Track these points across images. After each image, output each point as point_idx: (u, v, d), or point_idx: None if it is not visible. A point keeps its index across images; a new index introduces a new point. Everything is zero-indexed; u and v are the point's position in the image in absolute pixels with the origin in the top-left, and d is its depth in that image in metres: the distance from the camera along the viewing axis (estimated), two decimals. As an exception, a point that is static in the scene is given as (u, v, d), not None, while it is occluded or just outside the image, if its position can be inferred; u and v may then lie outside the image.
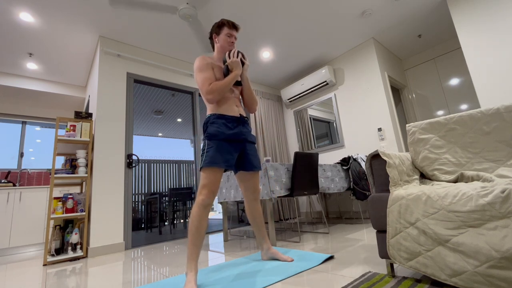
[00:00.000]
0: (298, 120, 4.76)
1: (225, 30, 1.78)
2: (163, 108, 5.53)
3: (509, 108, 1.32)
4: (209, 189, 1.50)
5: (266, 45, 3.68)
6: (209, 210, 1.51)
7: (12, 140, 4.19)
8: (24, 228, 3.40)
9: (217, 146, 1.57)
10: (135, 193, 5.84)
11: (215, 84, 1.60)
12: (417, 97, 4.27)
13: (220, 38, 1.79)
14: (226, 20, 1.82)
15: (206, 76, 1.63)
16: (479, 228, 0.96)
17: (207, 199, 1.49)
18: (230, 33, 1.79)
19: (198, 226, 1.45)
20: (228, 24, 1.79)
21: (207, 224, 1.51)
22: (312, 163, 2.63)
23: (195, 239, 1.44)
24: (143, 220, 5.59)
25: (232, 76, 1.65)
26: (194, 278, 1.35)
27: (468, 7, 2.83)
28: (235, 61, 1.68)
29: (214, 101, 1.61)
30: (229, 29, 1.79)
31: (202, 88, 1.61)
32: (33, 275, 2.03)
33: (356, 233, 2.51)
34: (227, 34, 1.78)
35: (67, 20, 2.85)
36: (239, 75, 1.68)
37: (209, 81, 1.62)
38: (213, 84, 1.60)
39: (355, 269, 1.44)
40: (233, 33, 1.80)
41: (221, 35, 1.79)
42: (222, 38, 1.78)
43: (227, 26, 1.79)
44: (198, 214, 1.47)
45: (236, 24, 1.83)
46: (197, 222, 1.46)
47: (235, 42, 1.83)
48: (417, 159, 1.51)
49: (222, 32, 1.79)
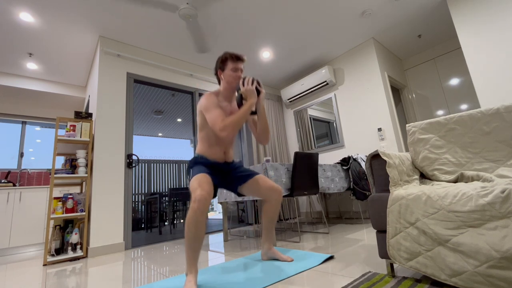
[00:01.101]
0: (298, 120, 4.76)
1: (229, 64, 1.67)
2: (163, 108, 5.53)
3: (509, 108, 1.32)
4: (201, 188, 1.38)
5: (266, 45, 3.68)
6: (205, 214, 1.38)
7: (12, 140, 4.19)
8: (24, 228, 3.40)
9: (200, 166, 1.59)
10: (135, 193, 5.85)
11: (228, 119, 1.46)
12: (417, 97, 4.27)
13: (225, 74, 1.67)
14: (229, 54, 1.68)
15: (216, 114, 1.50)
16: (479, 228, 0.96)
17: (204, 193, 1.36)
18: (235, 67, 1.67)
19: (195, 232, 1.35)
20: (231, 58, 1.67)
21: (205, 228, 1.40)
22: (312, 163, 2.63)
23: (193, 245, 1.36)
24: (143, 220, 5.59)
25: (247, 106, 1.50)
26: (194, 279, 1.35)
27: (468, 7, 2.83)
28: (250, 90, 1.54)
29: (230, 137, 1.49)
30: (233, 63, 1.66)
31: (214, 126, 1.48)
32: (33, 275, 2.03)
33: (356, 233, 2.51)
34: (232, 69, 1.66)
35: (67, 20, 2.85)
36: (254, 104, 1.55)
37: (220, 117, 1.48)
38: (225, 120, 1.46)
39: (355, 269, 1.44)
40: (238, 66, 1.67)
41: (226, 71, 1.67)
42: (227, 74, 1.66)
43: (231, 60, 1.67)
44: (195, 220, 1.34)
45: (241, 56, 1.70)
46: (194, 228, 1.34)
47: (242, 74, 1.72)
48: (417, 159, 1.51)
49: (227, 67, 1.67)
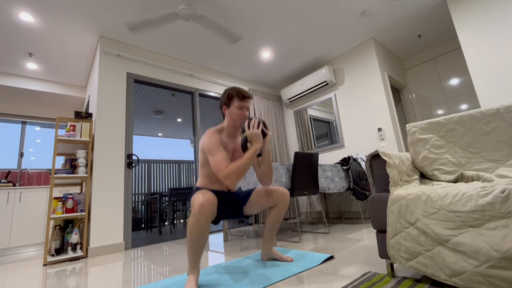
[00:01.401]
0: (298, 120, 4.76)
1: (235, 102, 1.62)
2: (163, 108, 5.53)
3: (509, 108, 1.32)
4: (203, 195, 1.34)
5: (266, 45, 3.68)
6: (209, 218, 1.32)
7: (12, 140, 4.19)
8: (24, 228, 3.40)
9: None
10: (135, 193, 5.84)
11: (232, 167, 1.40)
12: (417, 97, 4.27)
13: (231, 111, 1.63)
14: (236, 91, 1.64)
15: (220, 159, 1.44)
16: (479, 228, 0.96)
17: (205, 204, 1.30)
18: (242, 105, 1.63)
19: (198, 238, 1.31)
20: (238, 96, 1.63)
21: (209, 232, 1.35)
22: (312, 163, 2.63)
23: (195, 249, 1.33)
24: (143, 220, 5.59)
25: (251, 152, 1.46)
26: (195, 279, 1.35)
27: (468, 7, 2.83)
28: (256, 134, 1.49)
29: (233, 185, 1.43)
30: (239, 102, 1.62)
31: (218, 173, 1.42)
32: (33, 275, 2.03)
33: (356, 233, 2.51)
34: (238, 107, 1.62)
35: (67, 20, 2.85)
36: (259, 149, 1.50)
37: (224, 163, 1.43)
38: (230, 166, 1.41)
39: (355, 269, 1.44)
40: (244, 105, 1.63)
41: (231, 108, 1.63)
42: (233, 112, 1.63)
43: (238, 99, 1.62)
44: (197, 226, 1.29)
45: (248, 94, 1.65)
46: (197, 234, 1.30)
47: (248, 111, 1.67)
48: (417, 159, 1.51)
49: (233, 105, 1.63)
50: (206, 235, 1.34)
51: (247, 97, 1.64)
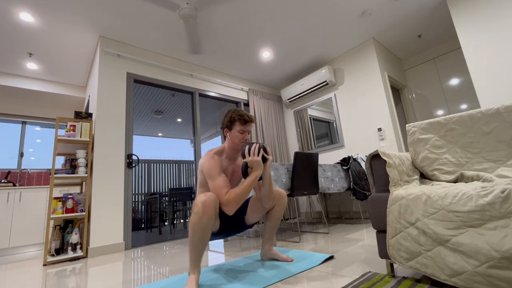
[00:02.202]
0: (298, 120, 4.76)
1: (237, 126, 1.61)
2: (163, 108, 5.53)
3: (509, 108, 1.32)
4: (205, 195, 1.35)
5: (266, 45, 3.68)
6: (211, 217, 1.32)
7: (12, 140, 4.19)
8: (24, 228, 3.40)
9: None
10: (135, 193, 5.84)
11: (232, 194, 1.40)
12: (417, 97, 4.27)
13: (232, 134, 1.62)
14: (238, 115, 1.62)
15: (219, 185, 1.44)
16: (479, 228, 0.96)
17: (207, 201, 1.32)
18: (243, 130, 1.61)
19: (201, 236, 1.32)
20: (240, 121, 1.61)
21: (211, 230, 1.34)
22: (312, 163, 2.63)
23: (197, 248, 1.34)
24: (143, 220, 5.59)
25: (252, 179, 1.46)
26: (196, 279, 1.35)
27: (468, 7, 2.83)
28: (256, 161, 1.48)
29: (232, 212, 1.42)
30: (241, 126, 1.61)
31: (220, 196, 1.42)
32: (33, 275, 2.03)
33: (356, 233, 2.51)
34: (240, 131, 1.61)
35: (67, 20, 2.85)
36: (260, 176, 1.51)
37: (224, 189, 1.42)
38: (229, 194, 1.40)
39: (355, 269, 1.44)
40: (246, 129, 1.62)
41: (233, 131, 1.62)
42: (234, 135, 1.62)
43: (240, 123, 1.61)
44: (200, 224, 1.30)
45: (250, 119, 1.64)
46: (200, 232, 1.31)
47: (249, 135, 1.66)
48: (417, 159, 1.51)
49: (234, 128, 1.62)
50: (208, 234, 1.35)
51: (249, 121, 1.63)
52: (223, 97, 4.29)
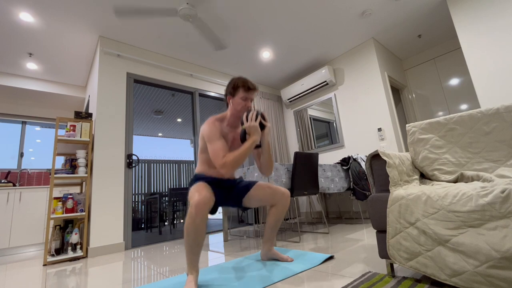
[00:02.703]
0: (298, 120, 4.76)
1: (240, 93, 1.63)
2: (163, 108, 5.53)
3: (509, 108, 1.32)
4: (199, 193, 1.35)
5: (266, 45, 3.68)
6: (204, 219, 1.33)
7: (12, 140, 4.19)
8: (24, 228, 3.40)
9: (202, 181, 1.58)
10: (135, 193, 5.84)
11: (229, 156, 1.43)
12: (417, 97, 4.27)
13: (235, 101, 1.64)
14: (242, 81, 1.64)
15: (218, 148, 1.48)
16: (479, 228, 0.96)
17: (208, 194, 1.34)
18: (246, 97, 1.63)
19: (195, 238, 1.32)
20: (244, 87, 1.63)
21: (205, 230, 1.36)
22: (312, 163, 2.63)
23: (193, 249, 1.35)
24: (143, 220, 5.59)
25: (249, 144, 1.48)
26: (194, 279, 1.35)
27: (468, 7, 2.83)
28: (253, 126, 1.51)
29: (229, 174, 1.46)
30: (245, 92, 1.63)
31: (215, 161, 1.46)
32: (33, 275, 2.03)
33: (356, 233, 2.51)
34: (243, 98, 1.62)
35: (67, 20, 2.85)
36: (257, 141, 1.53)
37: (222, 152, 1.46)
38: (226, 156, 1.44)
39: (355, 269, 1.44)
40: (249, 96, 1.64)
41: (235, 98, 1.64)
42: (237, 102, 1.63)
43: (243, 89, 1.63)
44: (193, 226, 1.31)
45: (254, 86, 1.66)
46: (194, 234, 1.31)
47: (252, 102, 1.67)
48: (417, 159, 1.51)
49: (237, 95, 1.63)
50: (202, 234, 1.35)
51: (253, 89, 1.65)
52: (223, 97, 4.29)
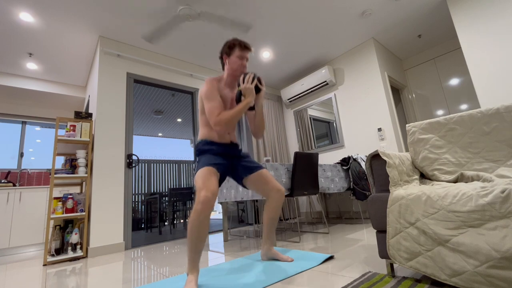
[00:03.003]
0: (298, 120, 4.76)
1: (236, 52, 1.66)
2: (163, 108, 5.53)
3: (509, 108, 1.32)
4: (206, 189, 1.36)
5: (266, 45, 3.68)
6: (208, 214, 1.35)
7: (12, 140, 4.19)
8: (24, 228, 3.40)
9: (208, 155, 1.57)
10: (135, 193, 5.84)
11: (224, 115, 1.48)
12: (417, 97, 4.27)
13: (231, 60, 1.67)
14: (238, 40, 1.68)
15: (214, 105, 1.52)
16: (479, 228, 0.96)
17: (209, 194, 1.34)
18: (242, 55, 1.66)
19: (198, 234, 1.34)
20: (240, 46, 1.66)
21: (208, 228, 1.38)
22: (312, 163, 2.63)
23: (195, 246, 1.36)
24: (143, 220, 5.59)
25: (243, 105, 1.53)
26: (195, 278, 1.34)
27: (468, 7, 2.83)
28: (249, 88, 1.55)
29: (223, 132, 1.51)
30: (240, 51, 1.66)
31: (210, 118, 1.50)
32: (33, 275, 2.03)
33: (356, 233, 2.51)
34: (239, 56, 1.66)
35: (67, 20, 2.85)
36: (251, 103, 1.56)
37: (217, 110, 1.51)
38: (221, 114, 1.49)
39: (355, 269, 1.44)
40: (245, 55, 1.67)
41: (232, 57, 1.67)
42: (233, 61, 1.66)
43: (239, 48, 1.66)
44: (198, 222, 1.32)
45: (249, 45, 1.70)
46: (197, 230, 1.33)
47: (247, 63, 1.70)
48: (417, 159, 1.51)
49: (233, 54, 1.67)
50: (206, 231, 1.37)
51: (248, 48, 1.69)
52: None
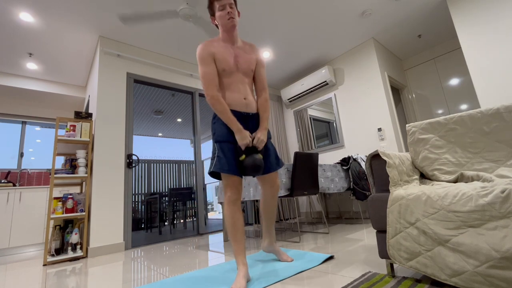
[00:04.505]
0: (298, 120, 4.76)
1: (216, 6, 1.60)
2: (163, 108, 5.53)
3: (509, 108, 1.32)
4: (230, 186, 1.49)
5: (266, 45, 3.68)
6: (239, 204, 1.50)
7: (12, 140, 4.19)
8: (24, 228, 3.40)
9: (224, 151, 1.50)
10: (135, 193, 5.84)
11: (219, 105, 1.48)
12: (417, 97, 4.27)
13: (217, 17, 1.61)
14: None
15: (205, 71, 1.51)
16: (479, 228, 0.96)
17: (232, 195, 1.48)
18: (221, 5, 1.58)
19: (233, 222, 1.46)
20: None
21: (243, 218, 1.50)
22: (312, 163, 2.63)
23: (234, 235, 1.45)
24: (143, 220, 5.59)
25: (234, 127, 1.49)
26: (242, 272, 1.37)
27: (468, 7, 2.83)
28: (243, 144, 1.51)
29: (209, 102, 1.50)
30: (218, 2, 1.59)
31: (204, 87, 1.50)
32: (33, 275, 2.03)
33: (356, 233, 2.51)
34: (220, 8, 1.59)
35: (67, 20, 2.85)
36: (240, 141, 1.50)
37: (212, 83, 1.50)
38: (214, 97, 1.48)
39: (355, 269, 1.44)
40: (223, 3, 1.58)
41: (216, 14, 1.61)
42: (219, 16, 1.60)
43: (216, 1, 1.60)
44: (229, 211, 1.47)
45: None
46: (231, 219, 1.46)
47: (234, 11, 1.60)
48: (417, 159, 1.51)
49: (215, 10, 1.61)
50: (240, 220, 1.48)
51: None
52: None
